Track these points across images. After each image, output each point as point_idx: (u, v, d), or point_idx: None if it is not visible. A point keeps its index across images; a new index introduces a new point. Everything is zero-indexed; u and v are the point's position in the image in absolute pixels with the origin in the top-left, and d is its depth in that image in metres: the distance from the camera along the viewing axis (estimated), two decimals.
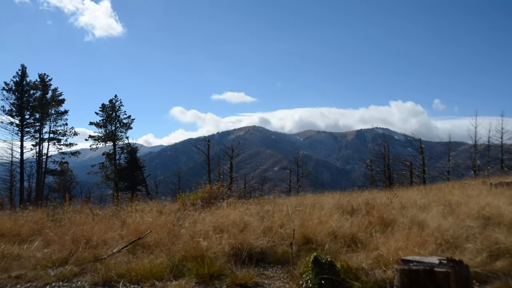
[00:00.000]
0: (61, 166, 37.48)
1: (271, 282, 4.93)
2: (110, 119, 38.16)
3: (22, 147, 34.70)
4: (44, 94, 36.39)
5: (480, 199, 8.58)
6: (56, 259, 5.78)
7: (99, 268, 5.30)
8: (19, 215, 10.42)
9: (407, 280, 3.47)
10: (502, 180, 14.78)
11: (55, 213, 9.64)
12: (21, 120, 35.05)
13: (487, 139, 30.70)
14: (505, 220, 6.55)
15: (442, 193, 11.28)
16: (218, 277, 5.06)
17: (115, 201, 13.35)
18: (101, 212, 10.41)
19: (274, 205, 9.81)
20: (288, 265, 5.36)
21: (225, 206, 9.21)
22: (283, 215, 7.93)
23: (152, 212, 9.18)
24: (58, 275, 5.25)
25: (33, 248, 6.55)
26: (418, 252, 4.97)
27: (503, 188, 11.70)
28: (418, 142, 31.79)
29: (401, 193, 11.87)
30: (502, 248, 5.13)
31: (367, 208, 8.54)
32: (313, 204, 9.84)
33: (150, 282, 4.90)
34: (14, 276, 5.36)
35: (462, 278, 3.40)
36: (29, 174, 35.54)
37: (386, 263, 4.80)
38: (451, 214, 7.33)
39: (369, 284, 4.41)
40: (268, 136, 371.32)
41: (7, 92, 34.73)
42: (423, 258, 3.75)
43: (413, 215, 7.21)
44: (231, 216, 7.60)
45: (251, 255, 5.66)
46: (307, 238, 6.22)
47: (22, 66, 35.69)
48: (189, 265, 5.31)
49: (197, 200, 11.61)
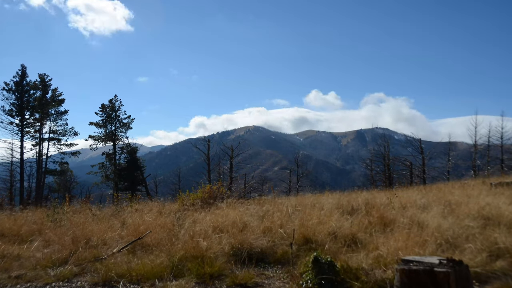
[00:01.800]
0: (61, 166, 37.47)
1: (271, 282, 4.93)
2: (110, 119, 38.17)
3: (22, 147, 34.70)
4: (44, 94, 36.38)
5: (480, 199, 8.58)
6: (56, 259, 5.78)
7: (99, 268, 5.30)
8: (19, 215, 10.42)
9: (407, 280, 3.47)
10: (502, 180, 14.78)
11: (55, 213, 9.63)
12: (21, 120, 35.06)
13: (487, 139, 30.70)
14: (505, 220, 6.55)
15: (442, 193, 11.28)
16: (218, 277, 5.06)
17: (115, 201, 13.34)
18: (101, 212, 10.42)
19: (274, 205, 9.80)
20: (288, 265, 5.36)
21: (225, 206, 9.20)
22: (283, 215, 7.93)
23: (152, 212, 9.18)
24: (58, 275, 5.25)
25: (33, 248, 6.55)
26: (418, 252, 4.97)
27: (503, 188, 11.69)
28: (418, 142, 31.79)
29: (401, 193, 11.86)
30: (502, 248, 5.13)
31: (367, 208, 8.54)
32: (313, 204, 9.83)
33: (150, 282, 4.90)
34: (14, 276, 5.36)
35: (462, 278, 3.40)
36: (29, 174, 35.56)
37: (386, 263, 4.80)
38: (451, 214, 7.33)
39: (369, 284, 4.41)
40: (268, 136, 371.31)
41: (7, 92, 34.77)
42: (423, 258, 3.76)
43: (413, 215, 7.21)
44: (231, 216, 7.60)
45: (251, 255, 5.65)
46: (307, 238, 6.22)
47: (22, 66, 35.71)
48: (189, 265, 5.31)
49: (197, 200, 11.61)
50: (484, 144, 30.83)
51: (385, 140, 33.16)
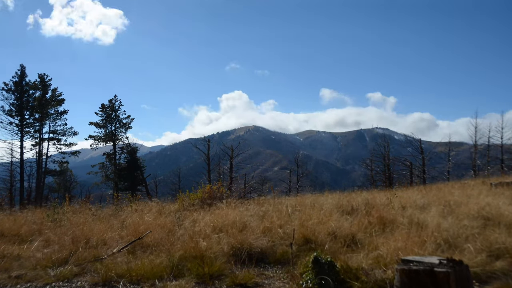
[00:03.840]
0: (61, 166, 37.46)
1: (271, 282, 4.93)
2: (110, 119, 38.19)
3: (22, 147, 34.69)
4: (43, 94, 36.36)
5: (480, 199, 8.59)
6: (56, 259, 5.78)
7: (99, 268, 5.30)
8: (19, 215, 10.42)
9: (407, 280, 3.47)
10: (502, 180, 14.79)
11: (55, 213, 9.63)
12: (20, 120, 35.04)
13: (487, 139, 30.71)
14: (505, 220, 6.55)
15: (442, 193, 11.28)
16: (218, 277, 5.06)
17: (115, 201, 13.34)
18: (101, 212, 10.42)
19: (274, 205, 9.81)
20: (288, 265, 5.36)
21: (224, 206, 9.20)
22: (282, 215, 7.93)
23: (152, 212, 9.19)
24: (58, 275, 5.24)
25: (33, 248, 6.55)
26: (418, 252, 4.97)
27: (503, 188, 11.70)
28: (418, 142, 31.81)
29: (401, 193, 11.86)
30: (502, 248, 5.14)
31: (367, 208, 8.55)
32: (313, 204, 9.83)
33: (150, 282, 4.90)
34: (14, 276, 5.36)
35: (462, 278, 3.40)
36: (29, 174, 35.53)
37: (386, 263, 4.80)
38: (451, 214, 7.33)
39: (369, 284, 4.41)
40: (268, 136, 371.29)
41: (6, 92, 34.72)
42: (423, 258, 3.76)
43: (413, 215, 7.21)
44: (231, 216, 7.60)
45: (250, 255, 5.66)
46: (306, 238, 6.23)
47: (22, 66, 35.68)
48: (189, 265, 5.31)
49: (196, 200, 11.62)
50: (484, 144, 30.84)
51: (385, 140, 33.17)
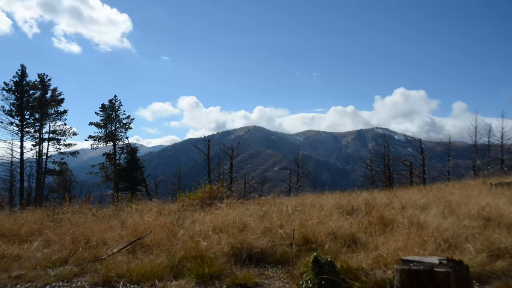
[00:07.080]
0: (60, 166, 37.48)
1: (271, 282, 4.93)
2: (110, 119, 38.20)
3: (22, 147, 34.72)
4: (43, 94, 36.39)
5: (480, 199, 8.58)
6: (56, 259, 5.78)
7: (99, 268, 5.30)
8: (19, 215, 10.41)
9: (407, 280, 3.47)
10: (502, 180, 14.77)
11: (55, 213, 9.63)
12: (21, 120, 35.07)
13: (487, 139, 30.71)
14: (505, 220, 6.55)
15: (442, 193, 11.27)
16: (218, 277, 5.06)
17: (115, 201, 13.33)
18: (101, 212, 10.42)
19: (274, 205, 9.80)
20: (288, 265, 5.36)
21: (224, 206, 9.20)
22: (282, 215, 7.92)
23: (152, 212, 9.18)
24: (58, 275, 5.24)
25: (33, 248, 6.55)
26: (418, 252, 4.97)
27: (503, 188, 11.69)
28: (418, 142, 31.78)
29: (401, 193, 11.86)
30: (502, 248, 5.14)
31: (367, 208, 8.54)
32: (313, 204, 9.83)
33: (150, 282, 4.90)
34: (14, 276, 5.36)
35: (462, 278, 3.40)
36: (29, 174, 35.55)
37: (386, 263, 4.80)
38: (451, 214, 7.33)
39: (369, 284, 4.41)
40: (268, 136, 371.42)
41: (6, 92, 34.78)
42: (423, 258, 3.76)
43: (413, 215, 7.21)
44: (231, 216, 7.60)
45: (251, 255, 5.65)
46: (307, 238, 6.22)
47: (22, 66, 35.72)
48: (189, 265, 5.31)
49: (196, 200, 11.62)
50: (484, 144, 30.84)
51: (385, 140, 33.13)
